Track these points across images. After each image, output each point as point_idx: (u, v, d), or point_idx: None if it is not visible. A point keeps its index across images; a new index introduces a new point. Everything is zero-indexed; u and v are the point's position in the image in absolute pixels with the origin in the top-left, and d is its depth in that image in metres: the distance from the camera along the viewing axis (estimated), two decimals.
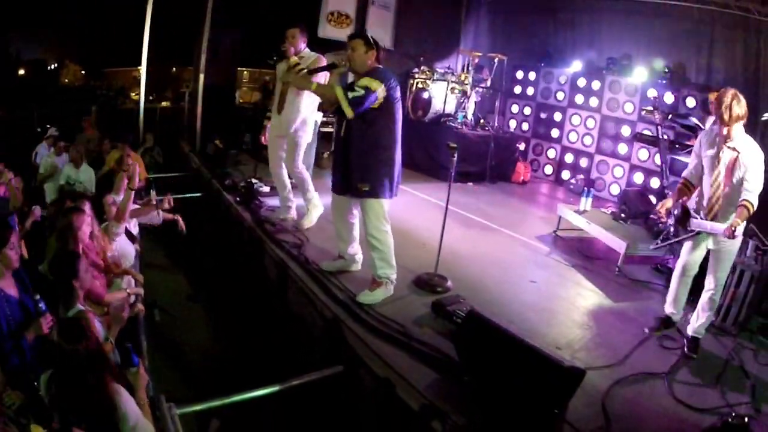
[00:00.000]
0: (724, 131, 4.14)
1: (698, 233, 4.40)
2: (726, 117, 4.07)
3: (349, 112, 4.38)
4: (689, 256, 4.59)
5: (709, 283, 4.46)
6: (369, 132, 4.51)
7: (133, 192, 5.27)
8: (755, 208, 4.05)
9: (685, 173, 4.70)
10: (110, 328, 3.73)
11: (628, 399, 3.73)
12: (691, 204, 4.54)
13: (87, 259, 4.12)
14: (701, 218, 4.37)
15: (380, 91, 4.39)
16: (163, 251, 7.20)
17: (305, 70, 5.34)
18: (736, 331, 4.84)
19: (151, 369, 3.95)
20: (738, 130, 4.15)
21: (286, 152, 6.41)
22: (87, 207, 4.77)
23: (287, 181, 6.59)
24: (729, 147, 4.18)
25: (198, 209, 8.72)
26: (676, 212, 4.59)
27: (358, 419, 4.03)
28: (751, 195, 4.06)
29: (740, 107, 4.08)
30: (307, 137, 6.35)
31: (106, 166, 7.93)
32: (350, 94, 4.34)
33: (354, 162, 4.58)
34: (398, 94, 4.60)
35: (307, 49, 6.11)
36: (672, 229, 4.68)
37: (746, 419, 3.18)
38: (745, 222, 4.12)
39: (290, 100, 6.12)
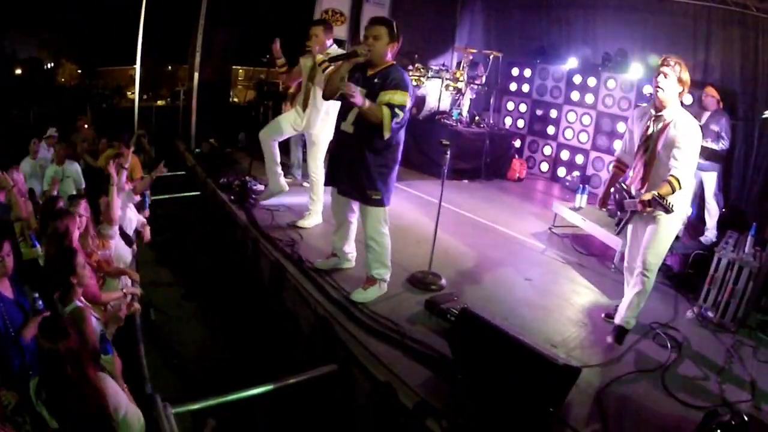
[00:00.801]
0: (657, 94, 4.03)
1: (634, 213, 4.23)
2: (661, 75, 4.01)
3: (387, 135, 4.22)
4: (630, 241, 4.56)
5: (639, 259, 4.28)
6: (383, 138, 4.32)
7: (116, 188, 5.22)
8: (682, 187, 3.89)
9: (617, 153, 4.70)
10: (107, 327, 3.73)
11: (625, 397, 3.70)
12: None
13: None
14: (633, 196, 4.22)
15: (409, 104, 4.28)
16: (157, 251, 7.16)
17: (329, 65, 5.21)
18: (735, 327, 4.80)
19: (147, 368, 3.95)
20: (673, 100, 4.03)
21: (306, 152, 6.49)
22: (82, 208, 4.75)
23: (276, 154, 6.62)
24: (660, 116, 4.08)
25: (194, 208, 8.72)
26: (617, 196, 4.47)
27: (353, 417, 4.01)
28: (679, 171, 3.88)
29: (672, 66, 4.00)
30: (328, 135, 6.25)
31: (99, 163, 7.90)
32: (395, 120, 4.16)
33: (367, 168, 4.42)
34: None
35: (335, 46, 6.15)
36: (619, 213, 4.54)
37: (745, 417, 3.15)
38: (678, 198, 3.97)
39: (316, 98, 6.09)
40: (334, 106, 5.86)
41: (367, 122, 4.24)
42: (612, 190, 4.60)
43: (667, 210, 3.81)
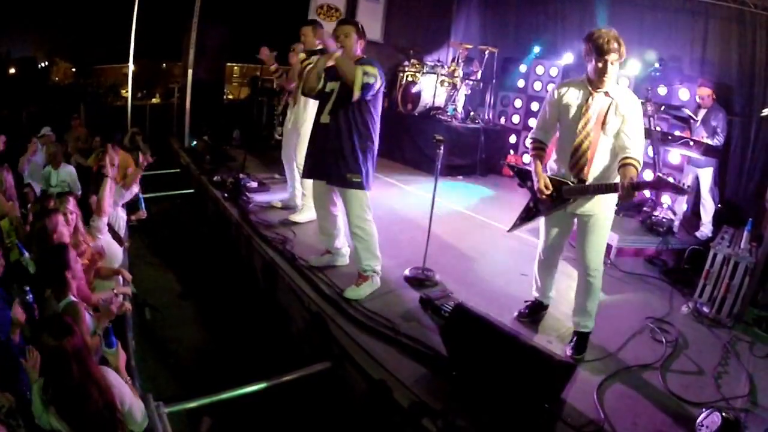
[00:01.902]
0: (599, 74, 3.63)
1: (566, 202, 3.93)
2: (601, 54, 3.56)
3: (357, 95, 4.32)
4: (552, 233, 4.27)
5: (581, 261, 4.06)
6: (360, 121, 4.50)
7: (110, 179, 5.19)
8: (641, 166, 3.60)
9: (534, 133, 4.19)
10: (99, 322, 3.71)
11: (622, 393, 3.68)
12: (551, 167, 4.10)
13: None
14: (571, 181, 3.89)
15: (379, 82, 4.42)
16: (153, 249, 7.14)
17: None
18: (732, 323, 4.78)
19: (142, 368, 3.97)
20: (613, 75, 3.66)
21: (298, 145, 6.44)
22: (72, 204, 4.75)
23: (297, 172, 6.60)
24: (601, 92, 3.71)
25: (188, 206, 8.70)
26: (531, 184, 4.14)
27: (347, 415, 3.98)
28: (634, 152, 3.58)
29: (620, 47, 3.56)
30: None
31: (89, 162, 7.85)
32: (365, 78, 4.30)
33: (345, 151, 4.53)
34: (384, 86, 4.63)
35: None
36: (532, 204, 4.28)
37: (740, 413, 3.12)
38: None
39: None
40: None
41: (343, 92, 4.45)
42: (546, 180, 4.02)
43: (681, 190, 3.46)
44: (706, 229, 6.98)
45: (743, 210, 7.22)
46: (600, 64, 3.60)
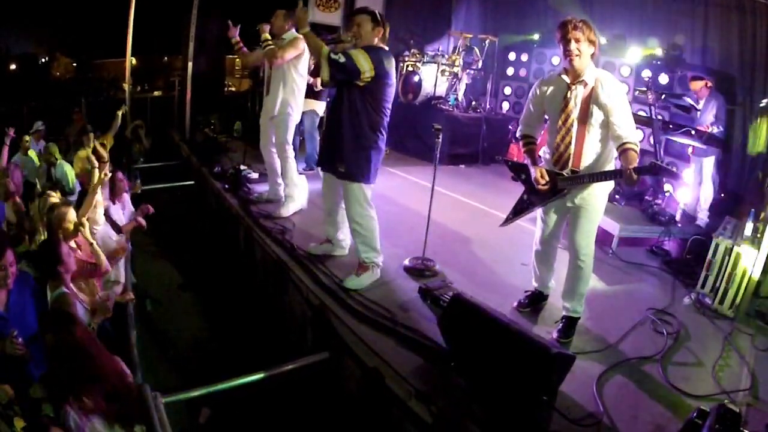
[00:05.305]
0: (573, 63, 3.68)
1: (560, 193, 3.97)
2: (564, 35, 3.64)
3: (325, 75, 4.19)
4: (548, 224, 4.27)
5: (571, 246, 4.08)
6: (353, 112, 4.38)
7: (95, 169, 5.08)
8: (639, 148, 3.64)
9: (521, 130, 4.25)
10: (94, 316, 3.71)
11: (621, 385, 3.65)
12: (545, 158, 4.13)
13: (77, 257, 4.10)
14: (556, 170, 3.95)
15: (367, 70, 4.21)
16: (153, 241, 7.13)
17: (274, 47, 5.82)
18: (734, 315, 4.72)
19: (142, 358, 3.94)
20: (589, 63, 3.71)
21: (275, 134, 6.37)
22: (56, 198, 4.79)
23: (277, 165, 6.51)
24: (579, 83, 3.74)
25: (189, 198, 8.70)
26: (524, 176, 4.21)
27: (344, 405, 3.98)
28: (629, 137, 3.59)
29: (585, 28, 3.63)
30: (294, 117, 6.29)
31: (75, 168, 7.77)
32: (332, 56, 4.13)
33: (336, 140, 4.48)
34: (391, 79, 4.42)
35: (293, 31, 6.16)
36: (526, 196, 4.31)
37: (739, 407, 3.07)
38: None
39: (275, 81, 6.15)
40: (296, 84, 6.13)
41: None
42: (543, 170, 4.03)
43: (674, 174, 3.63)
44: (703, 215, 6.96)
45: (745, 200, 7.17)
46: (565, 45, 3.67)
